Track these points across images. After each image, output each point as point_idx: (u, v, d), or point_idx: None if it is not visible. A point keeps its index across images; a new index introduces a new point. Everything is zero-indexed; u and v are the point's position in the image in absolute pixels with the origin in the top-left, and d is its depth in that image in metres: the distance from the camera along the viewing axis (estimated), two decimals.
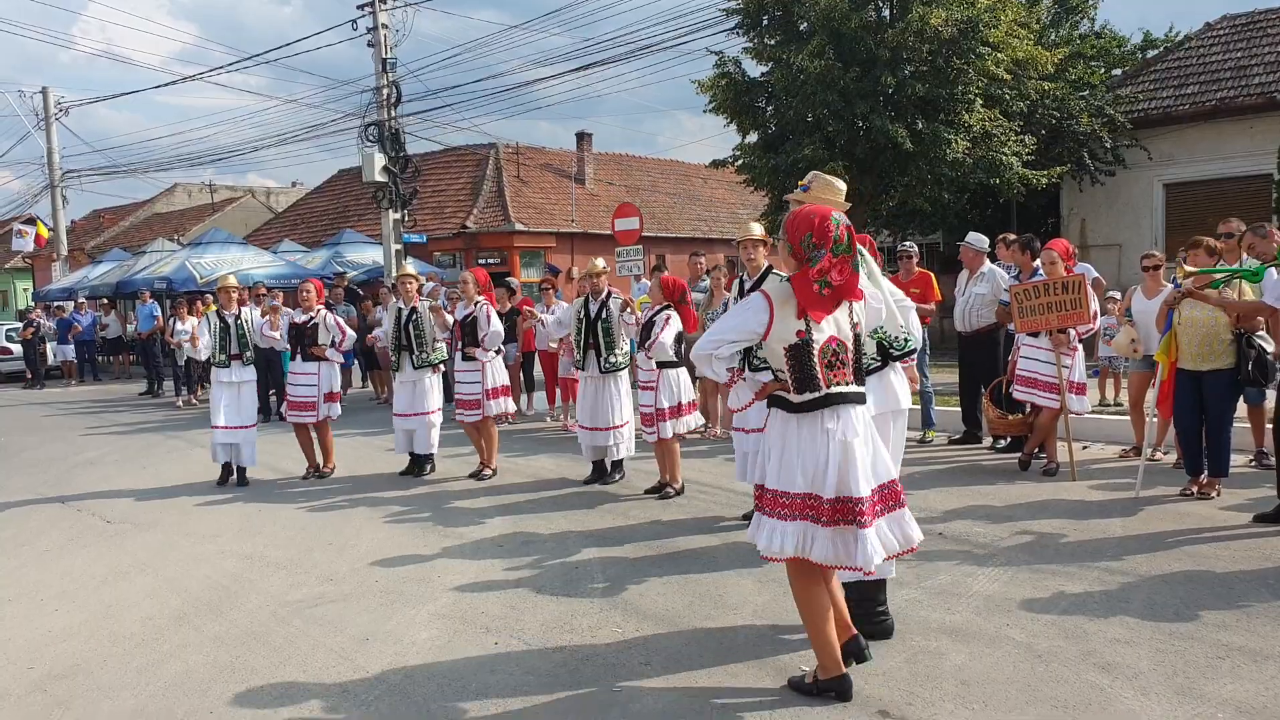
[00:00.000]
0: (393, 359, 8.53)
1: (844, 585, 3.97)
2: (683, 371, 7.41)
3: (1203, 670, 3.78)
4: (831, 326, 3.56)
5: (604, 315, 7.56)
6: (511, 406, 8.71)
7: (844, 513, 3.46)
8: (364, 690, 3.96)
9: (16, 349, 22.83)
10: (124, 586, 5.61)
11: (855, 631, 3.78)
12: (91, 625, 4.94)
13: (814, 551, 3.50)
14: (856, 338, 3.63)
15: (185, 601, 5.25)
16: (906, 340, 4.25)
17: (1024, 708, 3.53)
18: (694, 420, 7.58)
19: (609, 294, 7.69)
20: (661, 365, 7.26)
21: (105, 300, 22.56)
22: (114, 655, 4.50)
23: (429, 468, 8.61)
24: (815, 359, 3.50)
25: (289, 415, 8.60)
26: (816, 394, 3.50)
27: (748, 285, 5.68)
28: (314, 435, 8.72)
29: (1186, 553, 5.31)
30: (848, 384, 3.56)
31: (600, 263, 7.89)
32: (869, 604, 4.20)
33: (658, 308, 7.30)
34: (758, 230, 5.73)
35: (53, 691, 4.11)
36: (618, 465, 7.96)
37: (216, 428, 8.43)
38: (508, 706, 3.74)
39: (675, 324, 7.20)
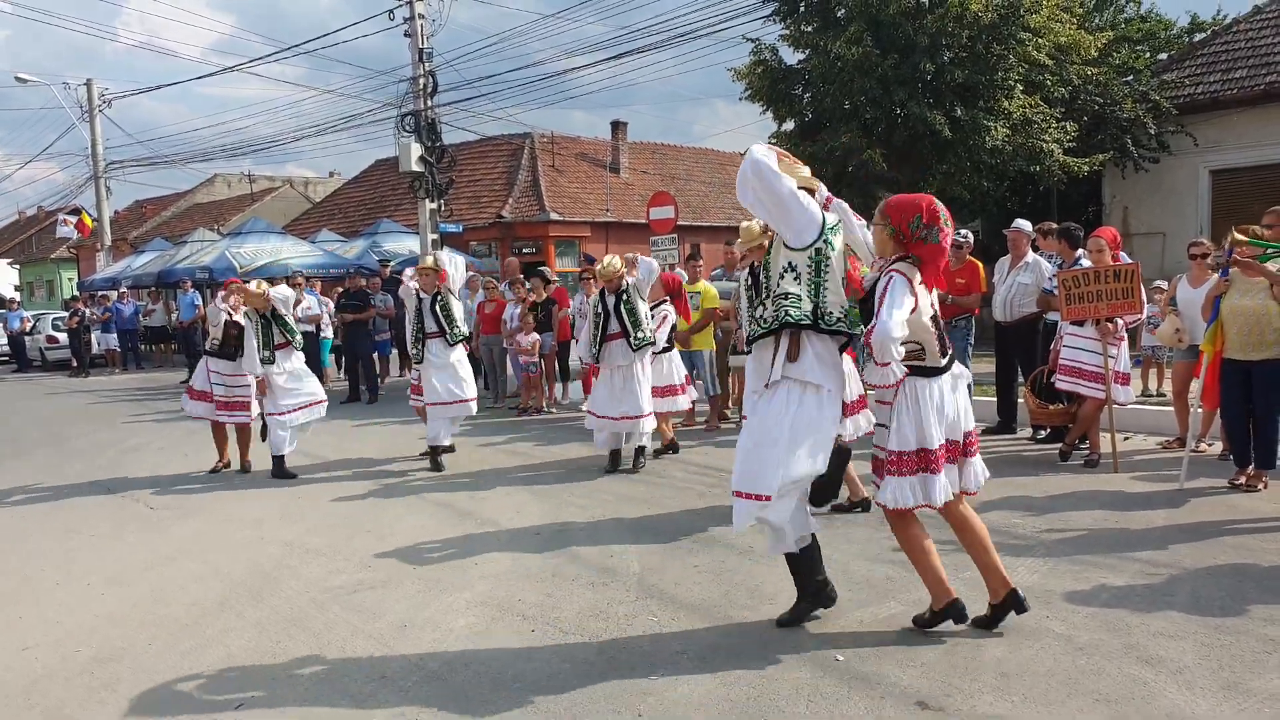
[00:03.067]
0: (415, 350, 8.51)
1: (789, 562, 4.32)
2: (674, 355, 8.46)
3: (1249, 665, 3.71)
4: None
5: (625, 298, 7.70)
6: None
7: (952, 452, 4.04)
8: (402, 676, 3.99)
9: (63, 338, 23.29)
10: (168, 572, 5.71)
11: (1013, 585, 4.13)
12: (137, 610, 5.03)
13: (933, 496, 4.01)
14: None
15: (227, 587, 5.33)
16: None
17: (1064, 701, 3.49)
18: (684, 402, 8.63)
19: (623, 284, 7.83)
20: (656, 353, 8.12)
21: (153, 289, 22.91)
22: (159, 639, 4.58)
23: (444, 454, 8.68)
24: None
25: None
26: (948, 355, 4.04)
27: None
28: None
29: (1232, 545, 5.21)
30: None
31: (616, 262, 7.91)
32: (806, 577, 4.34)
33: (655, 302, 7.56)
34: (758, 229, 5.75)
35: (100, 674, 4.20)
36: (640, 451, 8.06)
37: (284, 414, 8.40)
38: (544, 694, 3.76)
39: (670, 319, 8.23)
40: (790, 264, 4.07)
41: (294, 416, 8.47)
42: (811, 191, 4.16)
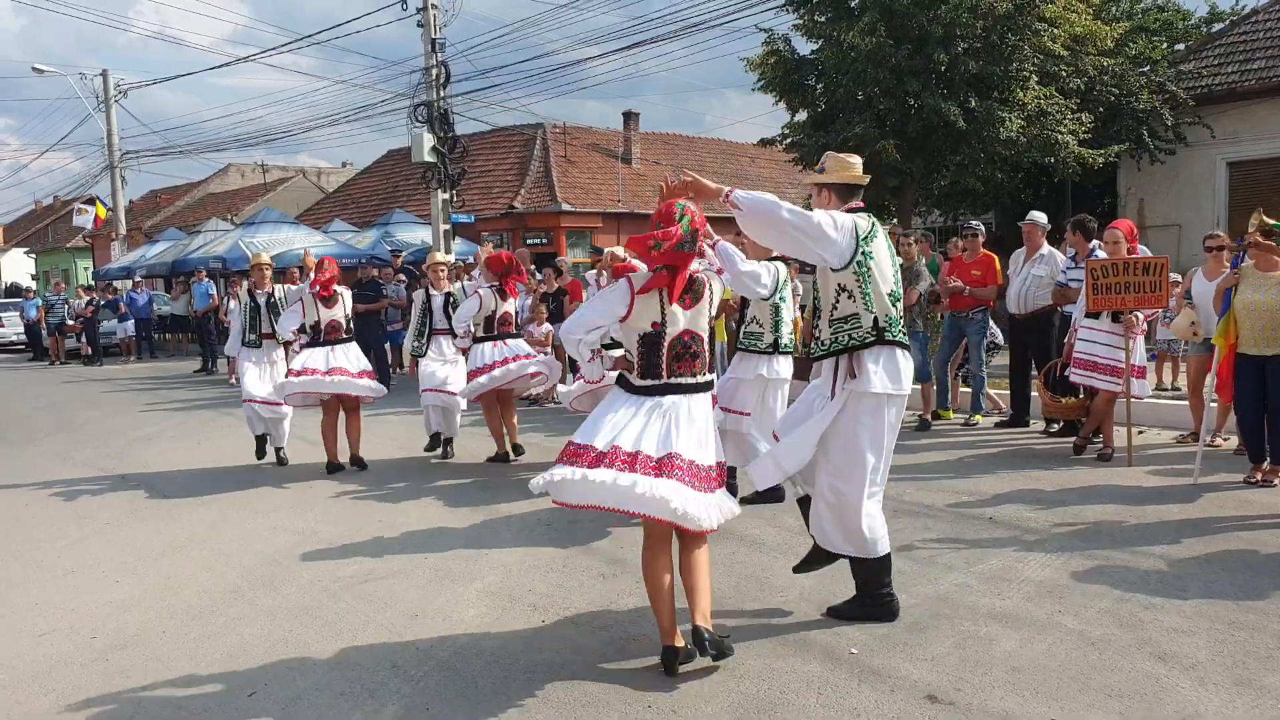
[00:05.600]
0: (418, 344, 8.47)
1: (852, 564, 4.21)
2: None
3: (1263, 661, 3.69)
4: (685, 320, 3.86)
5: None
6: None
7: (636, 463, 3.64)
8: (413, 665, 4.01)
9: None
10: (181, 560, 5.74)
11: (682, 644, 3.84)
12: (150, 597, 5.06)
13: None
14: (712, 331, 3.84)
15: (240, 575, 5.36)
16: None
17: (1076, 696, 3.48)
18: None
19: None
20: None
21: (180, 279, 23.05)
22: (172, 627, 4.61)
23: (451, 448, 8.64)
24: (664, 351, 3.82)
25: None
26: (656, 381, 3.83)
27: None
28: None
29: (1246, 540, 5.19)
30: (694, 375, 3.86)
31: (620, 251, 7.97)
32: (874, 584, 4.23)
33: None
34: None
35: (114, 661, 4.23)
36: None
37: (253, 401, 8.26)
38: (554, 684, 3.76)
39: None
40: (840, 285, 4.00)
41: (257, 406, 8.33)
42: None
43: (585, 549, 5.55)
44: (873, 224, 4.06)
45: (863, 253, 3.95)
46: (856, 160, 4.27)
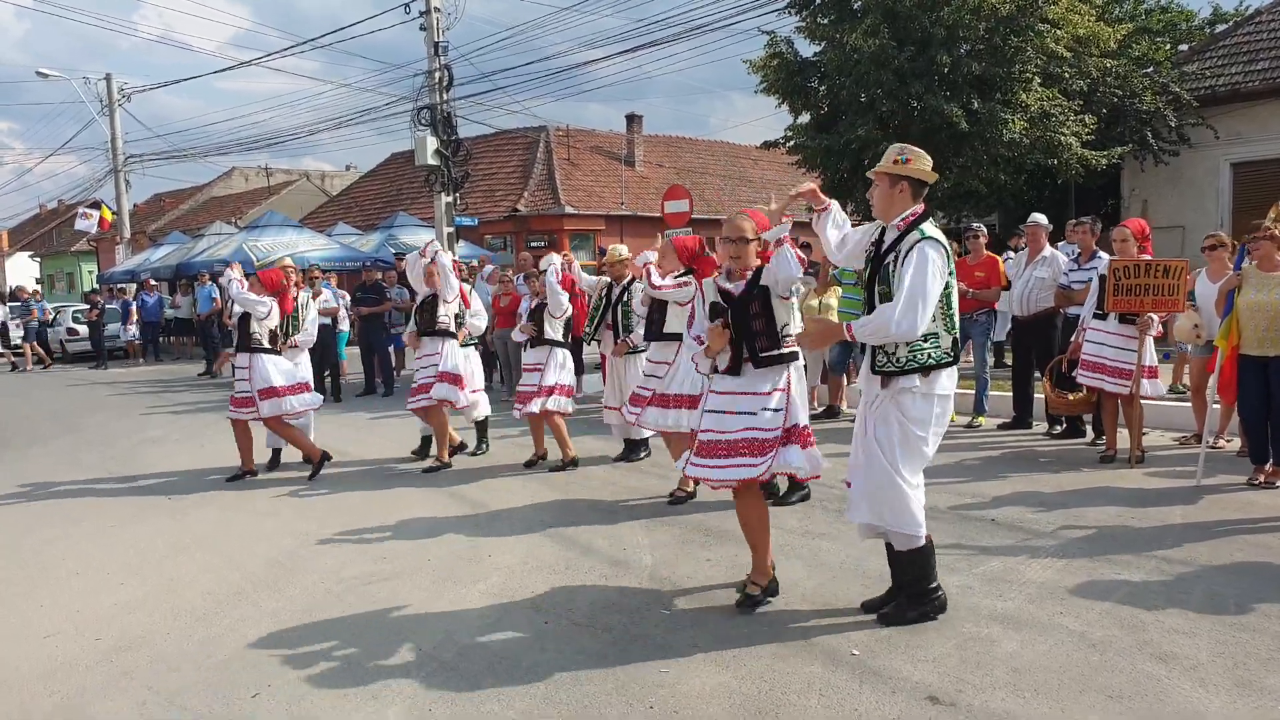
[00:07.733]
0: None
1: (891, 558, 4.30)
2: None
3: (1264, 663, 3.69)
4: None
5: (625, 299, 7.74)
6: (460, 398, 8.21)
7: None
8: (416, 667, 4.02)
9: (82, 330, 23.51)
10: (185, 562, 5.76)
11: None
12: (155, 599, 5.08)
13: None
14: None
15: (244, 577, 5.38)
16: None
17: (1077, 697, 3.48)
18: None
19: (631, 279, 7.80)
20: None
21: (184, 282, 23.11)
22: (176, 629, 4.63)
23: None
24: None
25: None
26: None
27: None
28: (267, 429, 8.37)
29: (1249, 542, 5.18)
30: None
31: (622, 250, 8.07)
32: (924, 580, 4.24)
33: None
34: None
35: (118, 662, 4.25)
36: (643, 443, 8.14)
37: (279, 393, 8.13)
38: (557, 685, 3.78)
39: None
40: None
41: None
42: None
43: (587, 550, 5.56)
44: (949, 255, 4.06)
45: (951, 273, 4.04)
46: (928, 156, 4.30)
